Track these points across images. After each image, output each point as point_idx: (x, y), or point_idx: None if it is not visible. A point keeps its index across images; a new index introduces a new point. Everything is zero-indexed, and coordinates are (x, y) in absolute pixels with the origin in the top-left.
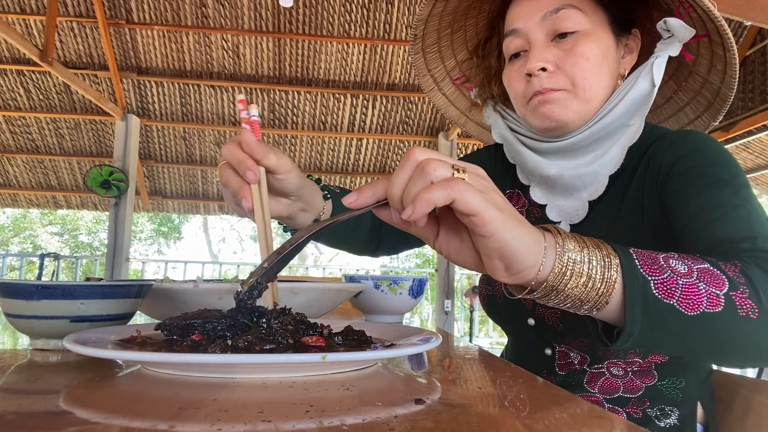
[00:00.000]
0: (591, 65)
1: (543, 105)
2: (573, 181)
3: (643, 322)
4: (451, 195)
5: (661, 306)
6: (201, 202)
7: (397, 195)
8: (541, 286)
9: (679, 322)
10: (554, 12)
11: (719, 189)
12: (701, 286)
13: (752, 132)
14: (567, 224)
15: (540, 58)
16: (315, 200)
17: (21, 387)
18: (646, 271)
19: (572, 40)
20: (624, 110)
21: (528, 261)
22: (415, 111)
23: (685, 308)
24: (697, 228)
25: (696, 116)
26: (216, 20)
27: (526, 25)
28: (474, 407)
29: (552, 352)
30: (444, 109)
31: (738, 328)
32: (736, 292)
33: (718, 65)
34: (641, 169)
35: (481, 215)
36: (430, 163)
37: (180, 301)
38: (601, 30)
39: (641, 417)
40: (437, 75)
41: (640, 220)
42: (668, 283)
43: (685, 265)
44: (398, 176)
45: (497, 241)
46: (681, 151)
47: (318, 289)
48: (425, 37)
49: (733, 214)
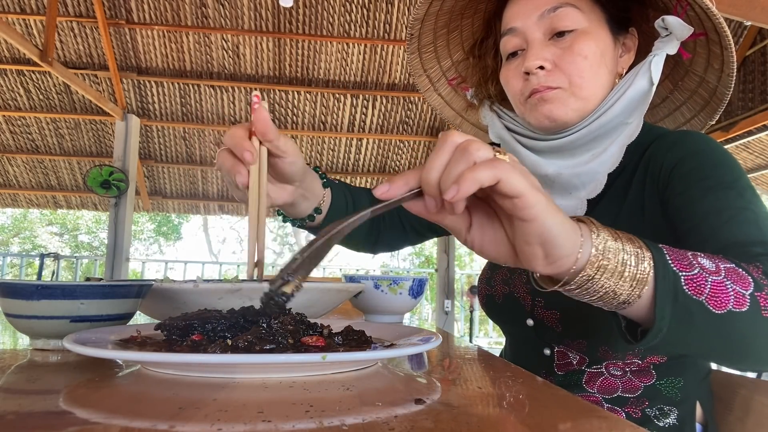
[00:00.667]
0: (589, 63)
1: (542, 104)
2: (571, 180)
3: (673, 317)
4: (497, 175)
5: (690, 302)
6: (201, 202)
7: (434, 179)
8: (578, 276)
9: (706, 320)
10: (552, 10)
11: (724, 191)
12: (729, 285)
13: (752, 132)
14: None
15: (538, 56)
16: (315, 187)
17: (21, 387)
18: (677, 267)
19: (570, 39)
20: (622, 108)
21: (567, 248)
22: (415, 111)
23: (712, 306)
24: (705, 231)
25: (692, 116)
26: (216, 20)
27: (523, 24)
28: (474, 407)
29: (551, 352)
30: (440, 109)
31: (760, 328)
32: (761, 292)
33: (716, 64)
34: (641, 170)
35: (525, 197)
36: (473, 143)
37: (180, 301)
38: (599, 28)
39: (640, 417)
40: (433, 75)
41: (640, 221)
42: (698, 280)
43: (713, 263)
44: (436, 159)
45: (539, 225)
46: (682, 153)
47: (318, 289)
48: (421, 37)
49: (740, 218)
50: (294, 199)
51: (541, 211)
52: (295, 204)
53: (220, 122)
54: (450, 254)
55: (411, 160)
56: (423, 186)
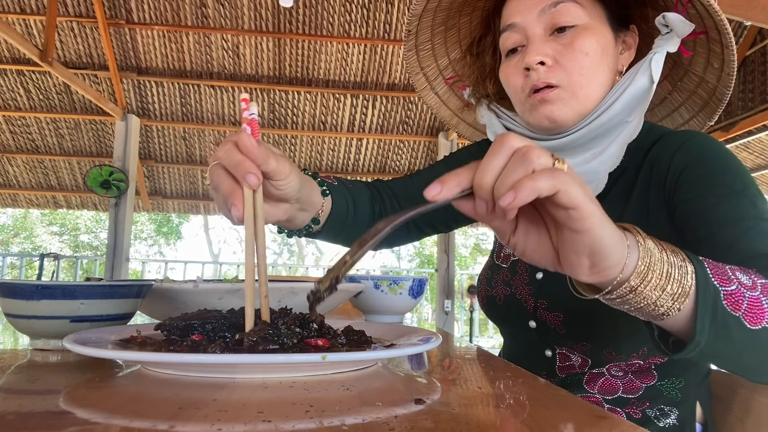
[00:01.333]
0: (590, 60)
1: (543, 105)
2: None
3: (711, 332)
4: (556, 185)
5: (728, 318)
6: (201, 202)
7: (488, 183)
8: (621, 286)
9: (742, 335)
10: (553, 6)
11: (737, 200)
12: (764, 301)
13: (752, 132)
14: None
15: (539, 51)
16: (314, 198)
17: (21, 387)
18: (718, 281)
19: (571, 35)
20: (623, 107)
21: (615, 258)
22: (415, 111)
23: (749, 322)
24: (723, 240)
25: (691, 116)
26: (216, 20)
27: (524, 20)
28: (474, 407)
29: (552, 354)
30: (436, 108)
31: None
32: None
33: (715, 63)
34: (645, 171)
35: (581, 209)
36: (533, 149)
37: (180, 301)
38: (599, 25)
39: (641, 417)
40: (430, 74)
41: (644, 222)
42: (736, 295)
43: (749, 279)
44: (492, 162)
45: (592, 237)
46: (690, 157)
47: None
48: (418, 34)
49: (757, 228)
50: (290, 215)
51: (595, 223)
52: (292, 219)
53: (220, 122)
54: (450, 254)
55: (411, 160)
56: (476, 189)
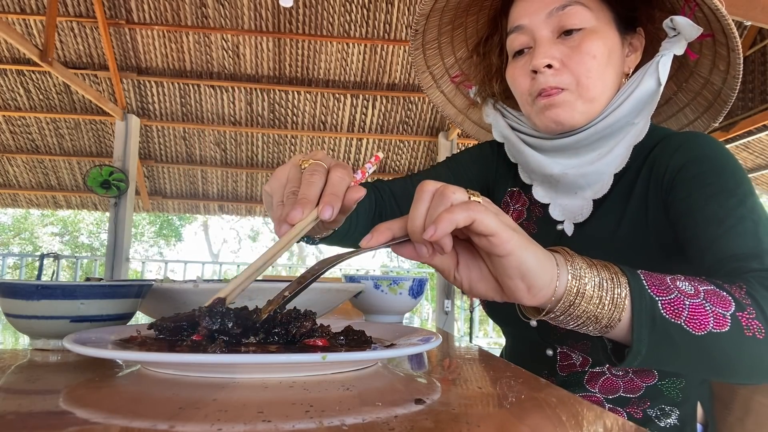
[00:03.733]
0: (597, 63)
1: (549, 108)
2: (577, 180)
3: (651, 340)
4: (471, 216)
5: (669, 326)
6: (201, 202)
7: (419, 227)
8: (559, 303)
9: (687, 342)
10: (561, 8)
11: (726, 199)
12: (708, 307)
13: (752, 132)
14: (571, 223)
15: (546, 54)
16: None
17: (21, 387)
18: (654, 292)
19: (578, 37)
20: (630, 109)
21: (545, 277)
22: (415, 111)
23: (692, 328)
24: (704, 242)
25: (696, 117)
26: (216, 20)
27: (531, 22)
28: (474, 407)
29: (553, 353)
30: (442, 107)
31: (744, 347)
32: (742, 312)
33: (721, 65)
34: (645, 171)
35: (498, 234)
36: (448, 188)
37: (180, 301)
38: (607, 27)
39: (641, 417)
40: (436, 72)
41: (644, 223)
42: (675, 303)
43: (691, 286)
44: (417, 209)
45: (516, 259)
46: (687, 157)
47: (318, 289)
48: (425, 33)
49: (739, 228)
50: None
51: (514, 246)
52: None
53: (220, 122)
54: None
55: (411, 160)
56: (410, 234)
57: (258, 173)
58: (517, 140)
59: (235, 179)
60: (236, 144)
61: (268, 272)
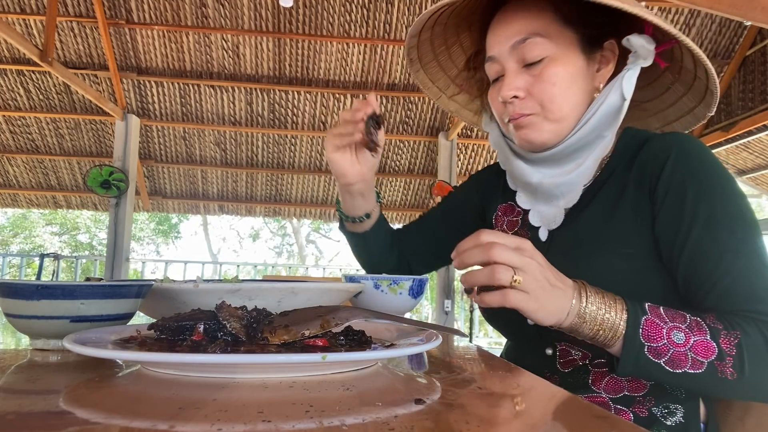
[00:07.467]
0: (558, 89)
1: (519, 130)
2: (551, 189)
3: (634, 372)
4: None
5: (649, 363)
6: (201, 202)
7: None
8: (563, 325)
9: (664, 374)
10: (521, 41)
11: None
12: (689, 355)
13: (752, 132)
14: (546, 229)
15: (511, 86)
16: (372, 196)
17: (21, 387)
18: (645, 338)
19: (541, 66)
20: (597, 123)
21: (554, 320)
22: (415, 111)
23: (669, 367)
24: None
25: (694, 105)
26: (216, 20)
27: (499, 53)
28: (474, 407)
29: (553, 351)
30: (456, 112)
31: (716, 385)
32: (721, 362)
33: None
34: (634, 174)
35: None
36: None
37: (180, 301)
38: (568, 52)
39: (647, 416)
40: (442, 85)
41: (633, 223)
42: (660, 350)
43: (685, 337)
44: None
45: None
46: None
47: (318, 289)
48: (421, 58)
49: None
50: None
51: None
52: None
53: (220, 122)
54: None
55: (411, 159)
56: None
57: (258, 173)
58: (507, 149)
59: (235, 179)
60: (236, 144)
61: (268, 272)
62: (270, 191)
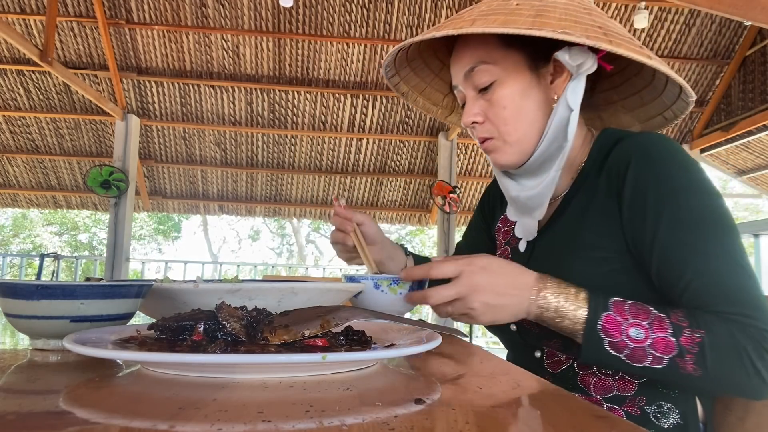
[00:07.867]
0: (509, 111)
1: (488, 154)
2: (526, 202)
3: (597, 362)
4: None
5: (610, 356)
6: (201, 202)
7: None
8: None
9: (626, 367)
10: (471, 71)
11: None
12: (649, 351)
13: (752, 132)
14: (525, 241)
15: (469, 114)
16: (397, 255)
17: (21, 387)
18: (603, 333)
19: (491, 91)
20: (554, 137)
21: (511, 320)
22: (415, 111)
23: (630, 360)
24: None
25: (676, 98)
26: (216, 20)
27: (458, 82)
28: (474, 407)
29: (541, 354)
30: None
31: (681, 379)
32: (682, 358)
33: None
34: (604, 175)
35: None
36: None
37: (180, 301)
38: (515, 73)
39: (640, 415)
40: (444, 103)
41: (605, 224)
42: (619, 345)
43: (643, 333)
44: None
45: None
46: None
47: (318, 289)
48: (415, 89)
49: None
50: (382, 258)
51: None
52: (384, 262)
53: (220, 122)
54: (450, 254)
55: (411, 160)
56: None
57: (258, 173)
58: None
59: (235, 179)
60: (236, 144)
61: (268, 272)
62: (270, 191)
